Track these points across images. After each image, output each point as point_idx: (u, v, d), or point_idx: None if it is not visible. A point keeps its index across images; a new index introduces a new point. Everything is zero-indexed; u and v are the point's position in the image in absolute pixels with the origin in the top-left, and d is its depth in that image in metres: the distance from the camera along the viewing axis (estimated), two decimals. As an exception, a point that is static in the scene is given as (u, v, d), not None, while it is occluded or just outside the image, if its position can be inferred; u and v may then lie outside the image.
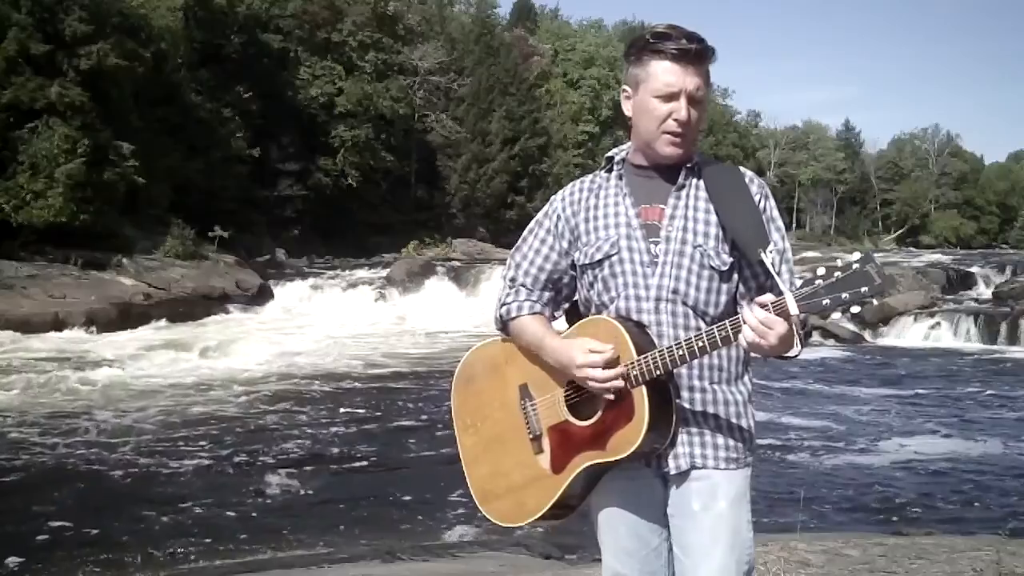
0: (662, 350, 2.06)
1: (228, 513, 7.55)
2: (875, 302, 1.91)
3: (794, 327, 1.95)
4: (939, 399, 13.64)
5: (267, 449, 9.77)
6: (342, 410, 11.94)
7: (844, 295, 1.89)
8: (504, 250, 34.14)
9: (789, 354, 2.02)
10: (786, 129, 78.48)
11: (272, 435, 10.46)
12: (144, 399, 12.28)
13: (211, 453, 9.48)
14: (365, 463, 9.35)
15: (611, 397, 2.09)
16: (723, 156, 55.55)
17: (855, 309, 1.91)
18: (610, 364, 2.07)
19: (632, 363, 2.07)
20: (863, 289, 1.88)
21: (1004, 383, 15.04)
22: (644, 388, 2.07)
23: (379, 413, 11.94)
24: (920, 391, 14.29)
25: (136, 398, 12.35)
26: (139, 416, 11.19)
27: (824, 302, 1.90)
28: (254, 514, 7.57)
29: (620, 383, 2.07)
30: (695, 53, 2.11)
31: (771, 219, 2.19)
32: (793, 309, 1.91)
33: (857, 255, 1.92)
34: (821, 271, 1.92)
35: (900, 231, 77.66)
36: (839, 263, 1.91)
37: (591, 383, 2.09)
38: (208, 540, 6.89)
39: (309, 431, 10.70)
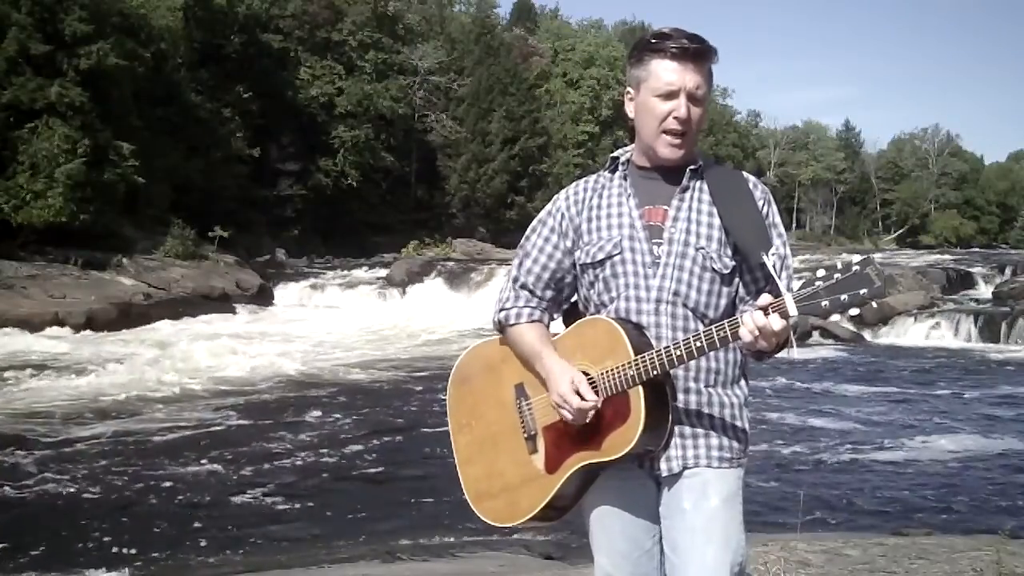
0: (659, 350, 2.06)
1: (227, 514, 7.55)
2: (874, 304, 1.91)
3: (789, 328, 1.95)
4: (939, 399, 13.64)
5: (266, 450, 9.76)
6: (341, 410, 11.93)
7: (843, 297, 1.89)
8: (504, 250, 34.13)
9: (781, 353, 2.05)
10: (786, 129, 78.50)
11: (270, 436, 10.44)
12: (141, 400, 12.27)
13: (208, 454, 9.46)
14: (365, 463, 9.34)
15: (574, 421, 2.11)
16: (723, 156, 55.61)
17: (854, 311, 1.91)
18: (585, 410, 2.08)
19: (629, 362, 2.06)
20: (862, 291, 1.88)
21: (1004, 383, 15.03)
22: (641, 389, 2.06)
23: (378, 413, 11.93)
24: (920, 391, 14.28)
25: (132, 399, 12.34)
26: (136, 417, 11.19)
27: (823, 304, 1.90)
28: (254, 515, 7.56)
29: (584, 421, 2.09)
30: (695, 52, 2.11)
31: (773, 225, 2.20)
32: (792, 311, 1.91)
33: (857, 257, 1.92)
34: (821, 272, 1.92)
35: (900, 231, 77.62)
36: (839, 264, 1.91)
37: (563, 413, 2.12)
38: (207, 541, 6.88)
39: (308, 431, 10.69)
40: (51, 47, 22.82)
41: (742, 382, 2.26)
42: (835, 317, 1.98)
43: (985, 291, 26.81)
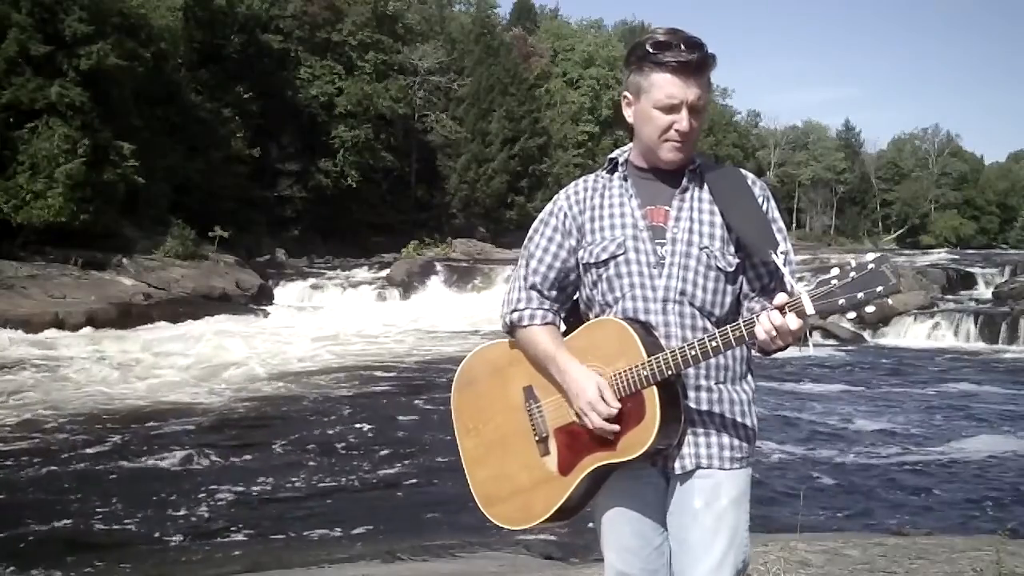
0: (674, 350, 2.07)
1: (227, 514, 7.55)
2: (890, 302, 1.94)
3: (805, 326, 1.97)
4: (939, 399, 13.64)
5: (265, 450, 9.76)
6: (341, 411, 11.93)
7: (860, 295, 1.91)
8: (504, 250, 34.15)
9: (791, 351, 2.09)
10: (786, 129, 78.55)
11: (269, 436, 10.44)
12: (139, 399, 12.28)
13: (207, 455, 9.45)
14: (365, 463, 9.34)
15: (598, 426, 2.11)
16: (723, 156, 55.66)
17: (870, 309, 1.93)
18: (610, 416, 2.09)
19: (643, 363, 2.07)
20: (878, 288, 1.90)
21: (1004, 383, 15.05)
22: (655, 388, 2.08)
23: (378, 414, 11.92)
24: (920, 391, 14.29)
25: (131, 399, 12.35)
26: (134, 417, 11.19)
27: (840, 302, 1.92)
28: (254, 514, 7.56)
29: (611, 434, 2.10)
30: (695, 64, 2.12)
31: (773, 220, 2.21)
32: (809, 309, 1.93)
33: (872, 255, 1.94)
34: (835, 271, 1.94)
35: (900, 231, 77.62)
36: (853, 263, 1.93)
37: (587, 421, 2.12)
38: (208, 541, 6.89)
39: (307, 432, 10.69)
40: (51, 47, 22.81)
41: (749, 378, 2.27)
42: (835, 317, 1.99)
43: (985, 291, 26.83)
